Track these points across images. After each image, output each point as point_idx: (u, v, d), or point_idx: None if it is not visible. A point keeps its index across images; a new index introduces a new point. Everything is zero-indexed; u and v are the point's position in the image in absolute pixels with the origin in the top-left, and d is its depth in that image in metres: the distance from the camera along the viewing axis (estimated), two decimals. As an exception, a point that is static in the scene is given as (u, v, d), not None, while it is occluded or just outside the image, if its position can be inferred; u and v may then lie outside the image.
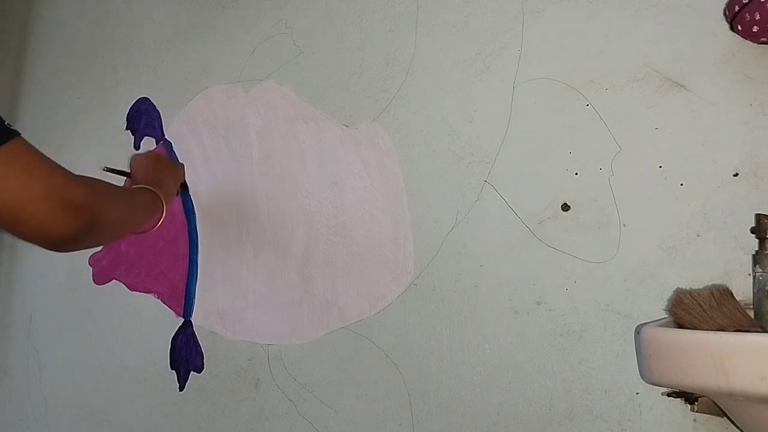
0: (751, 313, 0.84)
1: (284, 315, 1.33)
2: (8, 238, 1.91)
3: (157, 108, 1.60)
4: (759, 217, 0.85)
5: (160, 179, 1.21)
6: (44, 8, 1.99)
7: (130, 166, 1.26)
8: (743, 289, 0.89)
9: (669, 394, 0.94)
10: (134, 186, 1.17)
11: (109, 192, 0.94)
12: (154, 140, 1.59)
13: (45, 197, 0.80)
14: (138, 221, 1.09)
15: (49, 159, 0.83)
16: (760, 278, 0.84)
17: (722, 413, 0.88)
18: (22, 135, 0.81)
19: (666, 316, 0.93)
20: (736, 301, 0.83)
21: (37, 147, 0.82)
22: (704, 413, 0.91)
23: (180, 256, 1.51)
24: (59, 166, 0.84)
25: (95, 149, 1.72)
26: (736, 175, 0.93)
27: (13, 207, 0.79)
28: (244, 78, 1.45)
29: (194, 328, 1.46)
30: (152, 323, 1.54)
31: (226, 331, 1.41)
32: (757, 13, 0.87)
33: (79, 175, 0.87)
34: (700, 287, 0.87)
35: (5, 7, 2.10)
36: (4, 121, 0.79)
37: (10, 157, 0.79)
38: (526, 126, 1.10)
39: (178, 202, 1.51)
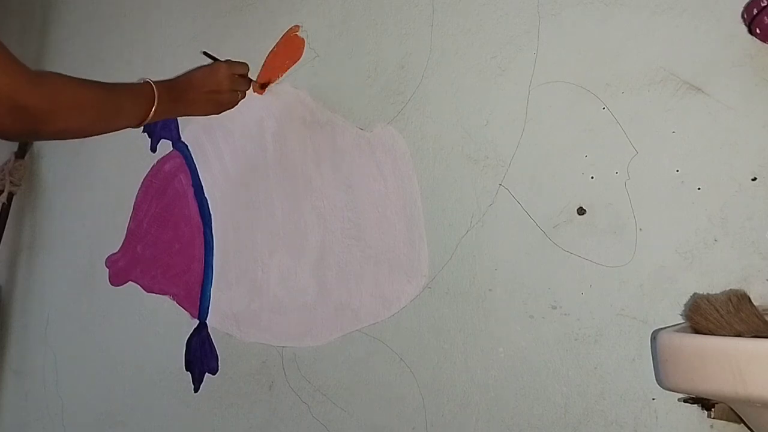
0: (770, 319, 0.83)
1: (298, 317, 1.33)
2: (26, 240, 1.93)
3: (174, 111, 1.61)
4: (777, 222, 0.85)
5: (193, 94, 1.22)
6: (63, 11, 2.01)
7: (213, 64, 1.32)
8: (761, 295, 0.88)
9: (685, 400, 0.93)
10: (141, 81, 1.16)
11: (75, 98, 0.91)
12: (171, 143, 1.60)
13: None
14: (118, 122, 1.09)
15: (9, 55, 0.80)
16: (779, 284, 0.83)
17: (739, 420, 0.87)
18: None
19: (683, 321, 0.92)
20: (754, 306, 0.82)
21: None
22: (721, 419, 0.90)
23: (195, 258, 1.51)
24: (21, 66, 0.82)
25: (112, 151, 1.73)
26: (754, 179, 0.92)
27: None
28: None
29: (209, 330, 1.47)
30: (167, 325, 1.55)
31: (241, 333, 1.42)
32: (776, 16, 0.87)
33: (46, 76, 0.85)
34: (718, 292, 0.86)
35: (25, 9, 2.14)
36: None
37: None
38: (542, 129, 1.10)
39: (193, 206, 1.52)
